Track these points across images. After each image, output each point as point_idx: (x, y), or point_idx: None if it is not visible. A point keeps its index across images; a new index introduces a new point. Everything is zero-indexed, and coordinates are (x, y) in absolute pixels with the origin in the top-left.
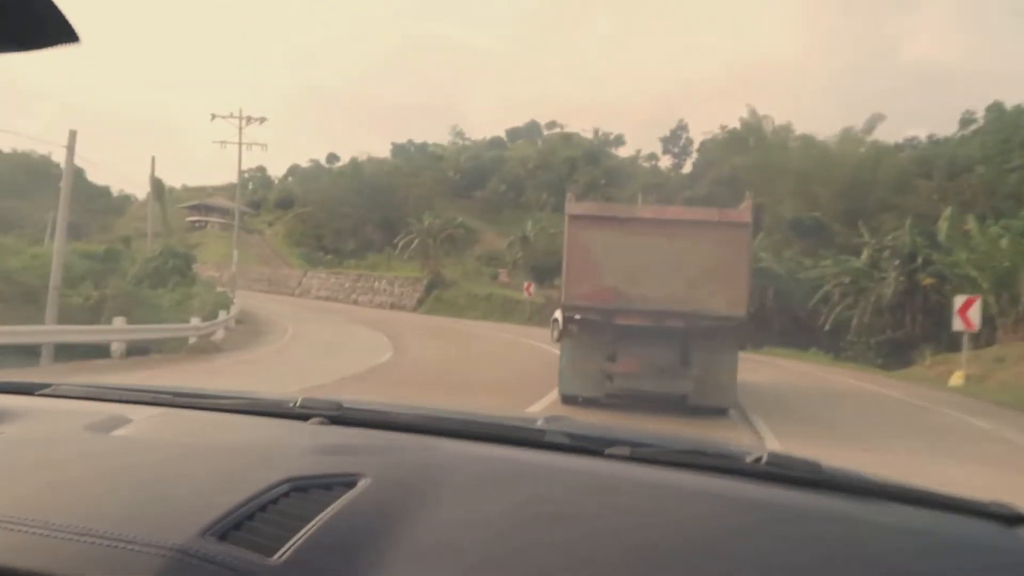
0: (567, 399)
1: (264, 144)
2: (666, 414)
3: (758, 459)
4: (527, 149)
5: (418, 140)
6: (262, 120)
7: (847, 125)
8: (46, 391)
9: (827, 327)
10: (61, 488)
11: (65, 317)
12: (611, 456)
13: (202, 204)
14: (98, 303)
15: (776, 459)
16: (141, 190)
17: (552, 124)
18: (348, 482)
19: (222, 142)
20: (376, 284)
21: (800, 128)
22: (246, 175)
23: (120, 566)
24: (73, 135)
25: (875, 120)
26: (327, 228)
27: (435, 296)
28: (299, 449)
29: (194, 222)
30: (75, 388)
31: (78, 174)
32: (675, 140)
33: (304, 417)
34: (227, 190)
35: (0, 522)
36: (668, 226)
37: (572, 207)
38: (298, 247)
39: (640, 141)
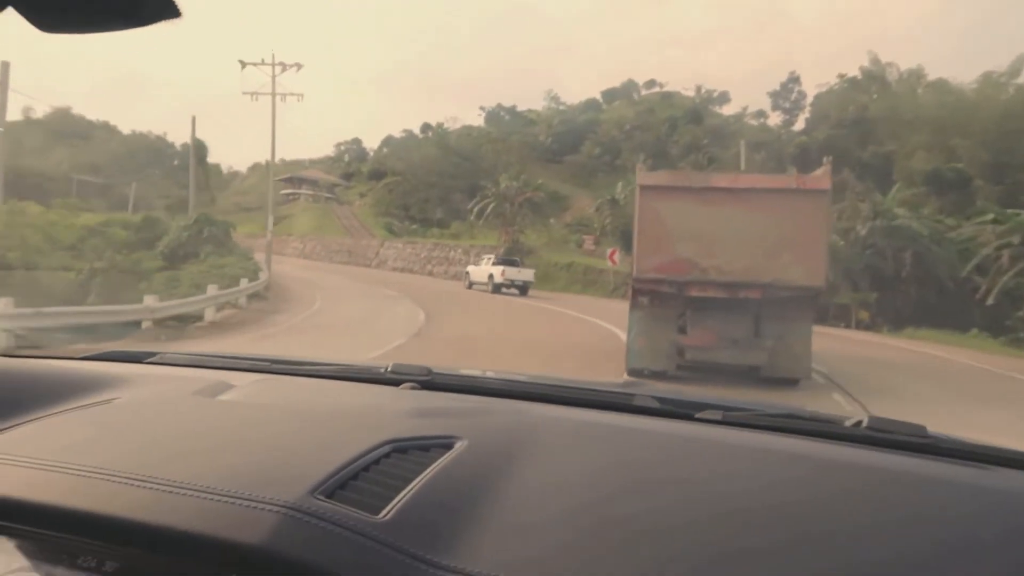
0: (633, 373)
1: (300, 94)
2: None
3: (858, 423)
4: (624, 110)
5: (515, 107)
6: (298, 67)
7: (987, 69)
8: (153, 359)
9: (989, 300)
10: (176, 448)
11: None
12: (702, 420)
13: (295, 176)
14: (88, 278)
15: (877, 423)
16: (246, 165)
17: (651, 83)
18: (445, 444)
19: (252, 93)
20: (451, 254)
21: (931, 74)
22: (342, 148)
23: (236, 521)
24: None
25: (1021, 63)
26: (414, 197)
27: None
28: (396, 413)
29: (288, 195)
30: (179, 356)
31: (188, 152)
32: (785, 94)
33: (396, 383)
34: (322, 163)
35: (123, 478)
36: (743, 195)
37: (643, 177)
38: (384, 217)
39: (746, 98)
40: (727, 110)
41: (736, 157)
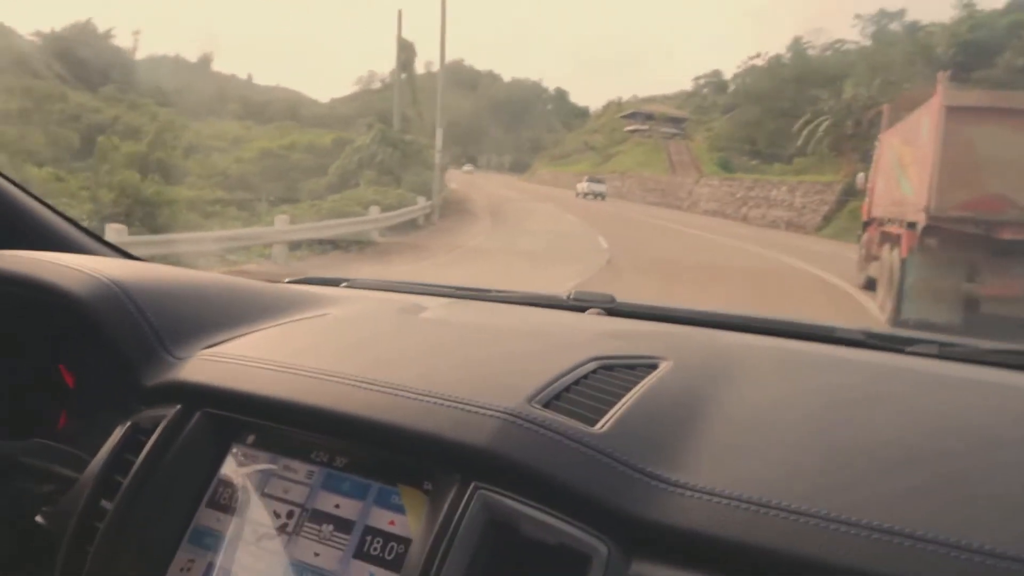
0: (904, 324)
1: None
2: None
3: None
4: None
5: (903, 13)
6: None
7: None
8: (348, 284)
9: None
10: (392, 356)
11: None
12: (914, 353)
13: (638, 112)
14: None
15: None
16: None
17: None
18: (650, 364)
19: None
20: (772, 193)
21: None
22: (700, 81)
23: (461, 423)
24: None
25: None
26: (761, 129)
27: (849, 210)
28: (591, 334)
29: (631, 131)
30: (371, 281)
31: (561, 96)
32: None
33: (580, 309)
34: (676, 99)
35: (352, 380)
36: None
37: (950, 96)
38: (719, 152)
39: None
40: None
41: None
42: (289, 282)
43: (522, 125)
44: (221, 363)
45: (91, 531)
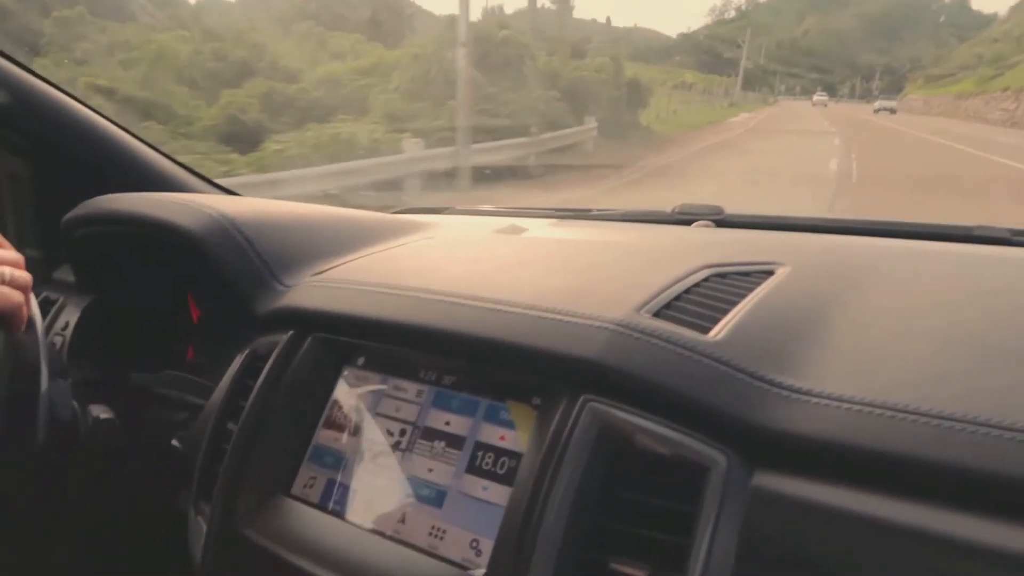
0: None
1: None
2: None
3: None
4: None
5: None
6: None
7: None
8: (452, 211)
9: None
10: (495, 274)
11: None
12: None
13: None
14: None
15: None
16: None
17: None
18: (766, 270)
19: None
20: None
21: None
22: None
23: (568, 336)
24: None
25: None
26: None
27: None
28: (701, 244)
29: None
30: (474, 208)
31: (960, 3)
32: None
33: (687, 222)
34: None
35: (455, 297)
36: None
37: None
38: None
39: None
40: None
41: None
42: (394, 212)
43: (901, 43)
44: (328, 288)
45: (220, 452)
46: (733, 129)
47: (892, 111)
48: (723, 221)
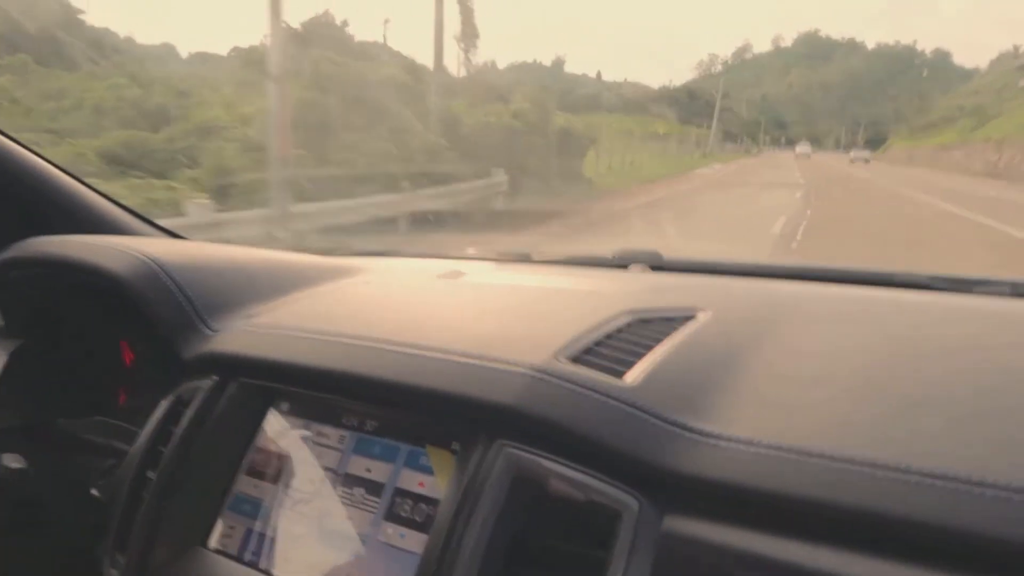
0: None
1: None
2: None
3: None
4: None
5: None
6: None
7: None
8: (393, 253)
9: None
10: (423, 319)
11: None
12: (984, 293)
13: None
14: None
15: None
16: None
17: None
18: (688, 315)
19: None
20: None
21: None
22: None
23: (487, 382)
24: None
25: None
26: None
27: None
28: (632, 289)
29: None
30: (416, 251)
31: (941, 58)
32: None
33: (624, 266)
34: None
35: (381, 344)
36: None
37: None
38: None
39: None
40: None
41: None
42: (339, 255)
43: (885, 96)
44: (255, 333)
45: (139, 501)
46: (692, 181)
47: (866, 160)
48: (660, 266)
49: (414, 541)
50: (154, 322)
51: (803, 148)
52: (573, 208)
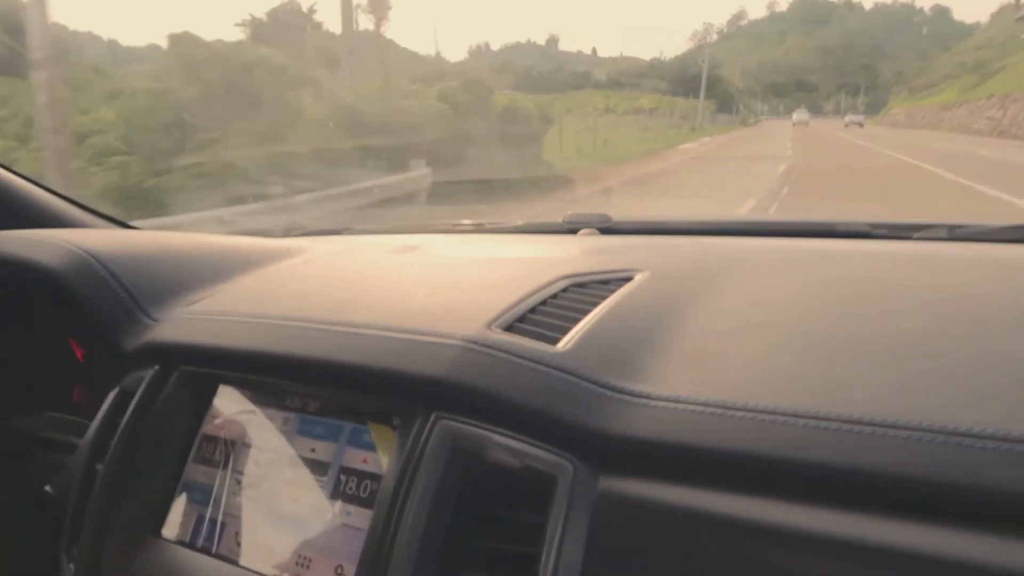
0: None
1: None
2: None
3: None
4: None
5: None
6: None
7: None
8: (348, 231)
9: None
10: (359, 295)
11: None
12: (923, 238)
13: None
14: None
15: None
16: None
17: None
18: (625, 277)
19: None
20: None
21: None
22: None
23: (417, 355)
24: None
25: None
26: None
27: None
28: (573, 254)
29: None
30: (371, 228)
31: (941, 14)
32: None
33: (573, 231)
34: None
35: (315, 324)
36: None
37: None
38: None
39: None
40: None
41: None
42: (287, 236)
43: (885, 57)
44: (194, 320)
45: (89, 495)
46: (672, 159)
47: (860, 124)
48: (609, 228)
49: (361, 518)
50: (92, 314)
51: (800, 116)
52: (510, 205)
